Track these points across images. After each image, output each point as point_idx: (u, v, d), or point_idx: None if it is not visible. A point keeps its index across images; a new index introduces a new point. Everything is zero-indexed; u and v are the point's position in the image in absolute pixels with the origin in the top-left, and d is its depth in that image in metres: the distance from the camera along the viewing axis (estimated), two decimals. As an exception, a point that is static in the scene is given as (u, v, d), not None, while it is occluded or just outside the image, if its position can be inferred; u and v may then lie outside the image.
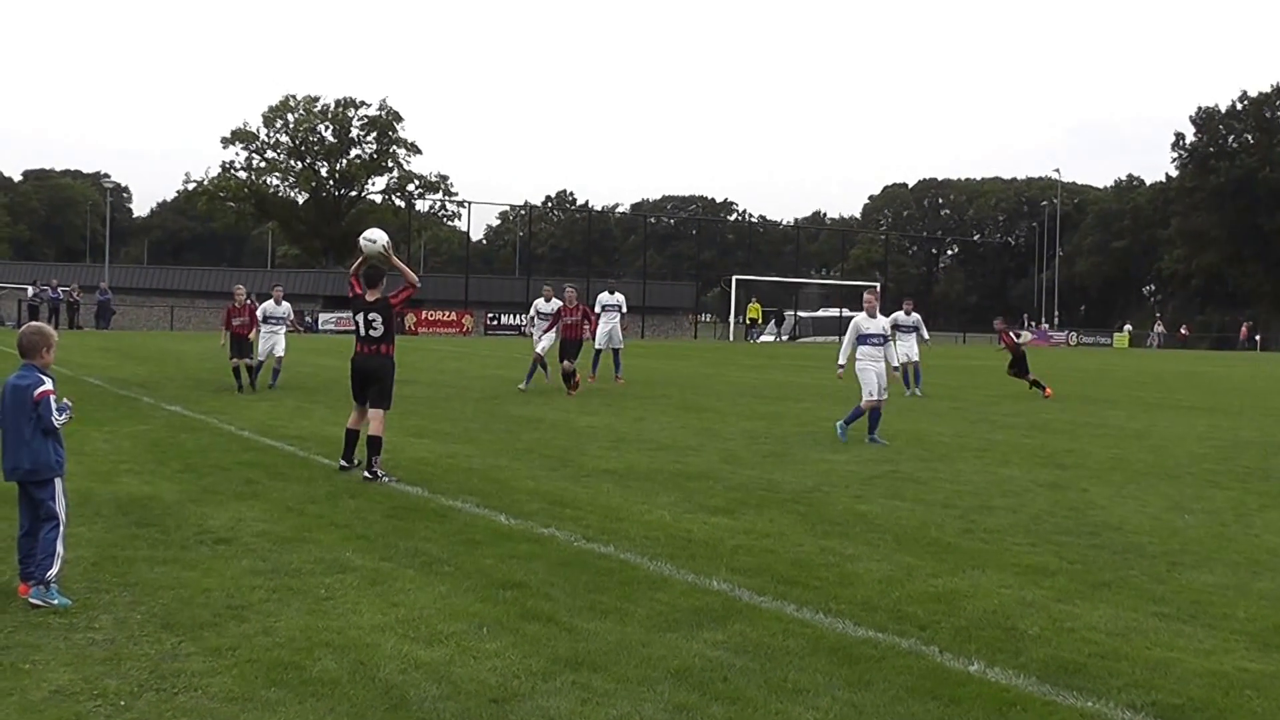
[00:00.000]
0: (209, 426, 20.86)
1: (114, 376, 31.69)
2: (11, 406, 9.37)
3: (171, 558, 10.74)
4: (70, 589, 9.38)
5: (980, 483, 16.47)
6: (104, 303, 74.26)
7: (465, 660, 7.98)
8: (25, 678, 7.50)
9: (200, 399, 25.83)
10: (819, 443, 20.61)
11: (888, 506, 14.36)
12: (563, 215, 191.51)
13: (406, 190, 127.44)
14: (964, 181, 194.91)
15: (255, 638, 8.36)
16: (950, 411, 26.85)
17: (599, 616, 9.09)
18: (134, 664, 7.80)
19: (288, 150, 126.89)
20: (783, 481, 16.14)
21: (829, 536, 12.45)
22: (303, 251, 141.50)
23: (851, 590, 10.13)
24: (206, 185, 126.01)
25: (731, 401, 28.94)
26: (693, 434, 21.44)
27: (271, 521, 12.50)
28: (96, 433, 18.95)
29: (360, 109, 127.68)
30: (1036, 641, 8.74)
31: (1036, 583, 10.55)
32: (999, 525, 13.31)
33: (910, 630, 8.93)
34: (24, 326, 10.03)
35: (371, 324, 16.18)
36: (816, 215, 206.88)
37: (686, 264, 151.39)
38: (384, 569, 10.48)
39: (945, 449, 20.16)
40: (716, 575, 10.52)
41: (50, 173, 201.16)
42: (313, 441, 18.98)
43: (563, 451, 18.60)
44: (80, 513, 12.22)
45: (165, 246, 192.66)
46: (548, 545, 11.66)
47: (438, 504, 13.77)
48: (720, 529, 12.72)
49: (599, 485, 15.46)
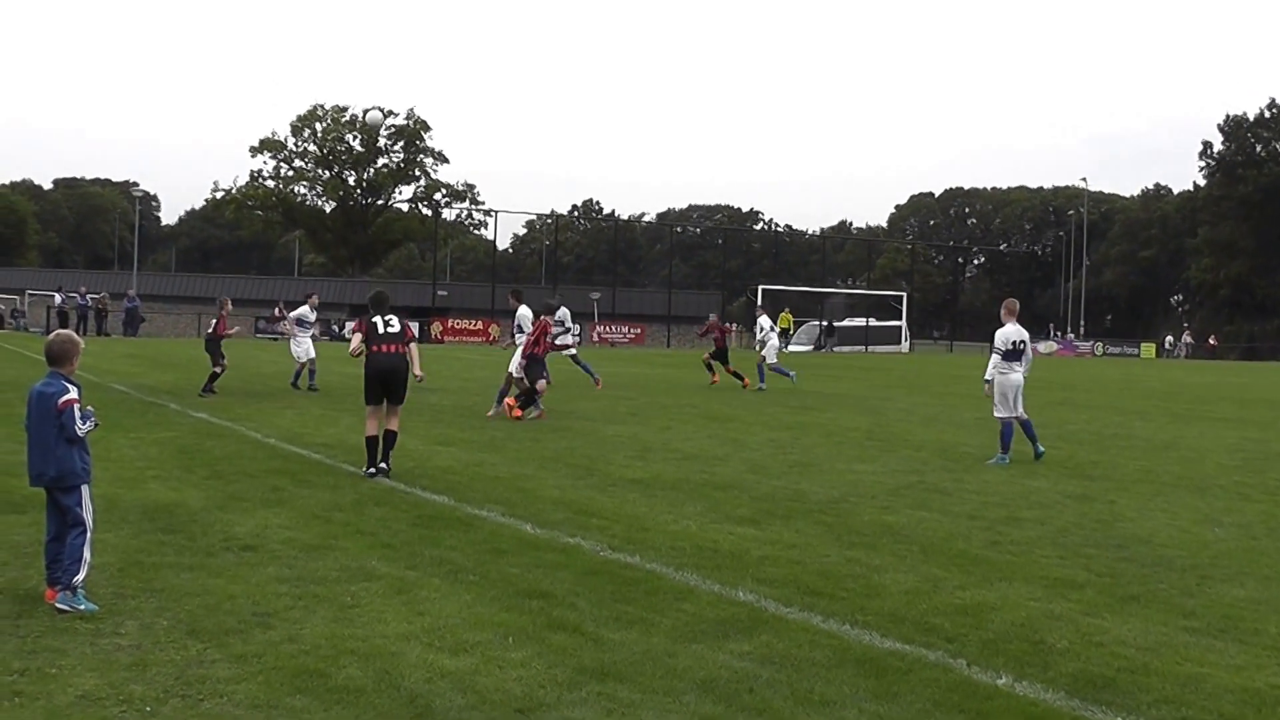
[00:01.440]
0: (235, 433, 20.88)
1: (141, 383, 31.78)
2: (37, 414, 9.40)
3: (197, 564, 10.75)
4: (96, 595, 9.39)
5: (1007, 494, 16.41)
6: (132, 310, 74.46)
7: (490, 670, 7.96)
8: (52, 682, 7.51)
9: (227, 406, 25.86)
10: (845, 453, 20.56)
11: (914, 517, 14.31)
12: (589, 224, 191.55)
13: (433, 199, 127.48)
14: (990, 190, 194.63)
15: (280, 645, 8.35)
16: (976, 423, 26.75)
17: (624, 626, 9.06)
18: (160, 670, 7.80)
19: (315, 159, 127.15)
20: (809, 492, 16.10)
21: (855, 547, 12.42)
22: (329, 260, 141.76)
23: (878, 601, 10.09)
24: (235, 194, 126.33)
25: (758, 411, 28.88)
26: (719, 443, 21.41)
27: (297, 529, 12.50)
28: (123, 439, 18.98)
29: (388, 118, 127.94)
30: (1065, 655, 8.68)
31: (1065, 595, 10.50)
32: (1026, 537, 13.26)
33: (937, 642, 8.89)
34: (52, 334, 10.04)
35: (389, 322, 17.02)
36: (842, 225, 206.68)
37: (712, 273, 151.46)
38: (409, 577, 10.47)
39: (972, 460, 20.10)
40: (743, 586, 10.49)
41: (80, 181, 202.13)
42: (339, 449, 18.98)
43: (588, 460, 18.58)
44: (106, 519, 12.23)
45: (193, 254, 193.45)
46: (573, 555, 11.64)
47: (463, 513, 13.75)
48: (746, 539, 12.69)
49: (625, 495, 15.44)
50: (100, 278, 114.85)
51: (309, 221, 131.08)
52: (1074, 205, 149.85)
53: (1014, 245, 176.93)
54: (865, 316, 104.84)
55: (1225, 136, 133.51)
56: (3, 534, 11.79)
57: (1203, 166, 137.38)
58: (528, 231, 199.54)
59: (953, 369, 60.75)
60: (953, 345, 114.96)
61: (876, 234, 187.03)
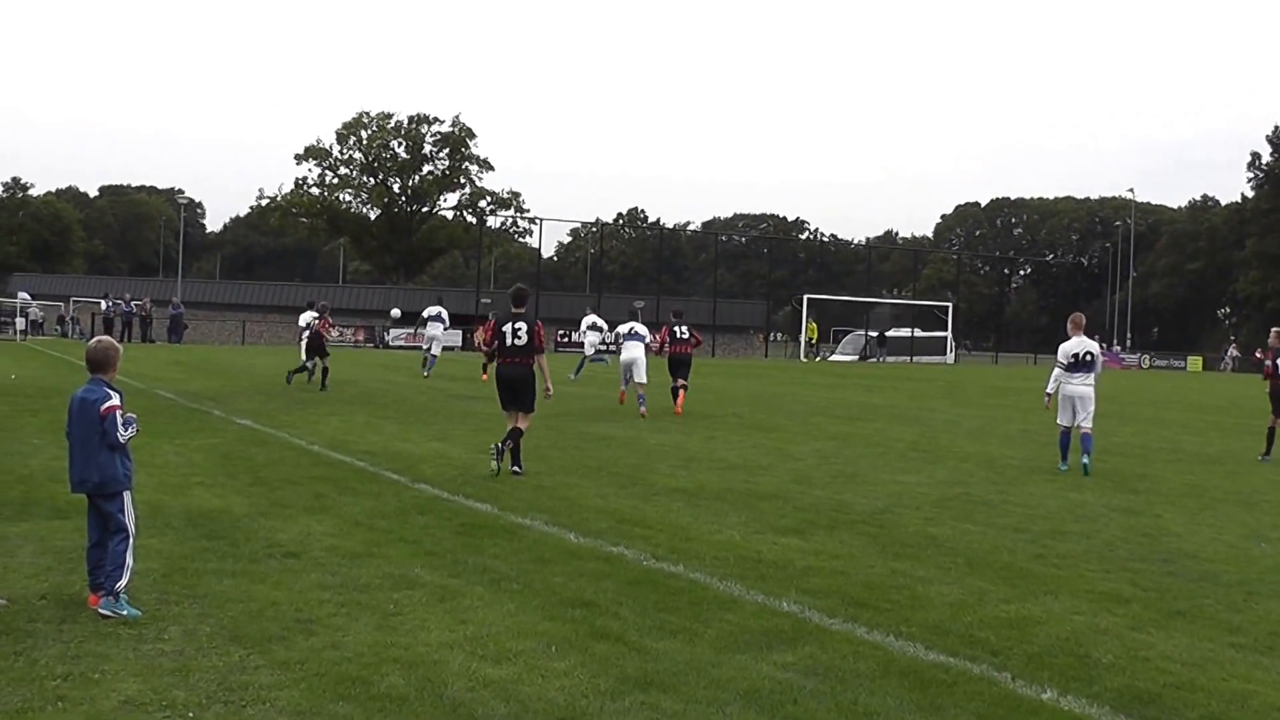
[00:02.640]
0: (279, 440, 20.96)
1: (185, 390, 31.90)
2: (79, 420, 9.45)
3: (241, 570, 10.79)
4: (139, 600, 9.44)
5: (1052, 507, 16.32)
6: (176, 316, 74.83)
7: (533, 679, 7.96)
8: (95, 687, 7.55)
9: (271, 413, 25.95)
10: (890, 463, 20.50)
11: (959, 530, 14.26)
12: (634, 232, 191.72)
13: (478, 206, 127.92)
14: (1036, 201, 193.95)
15: (323, 652, 8.37)
16: (1021, 435, 26.64)
17: (668, 636, 9.05)
18: (202, 676, 7.83)
19: (360, 166, 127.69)
20: (853, 502, 16.05)
21: (900, 559, 12.37)
22: (374, 267, 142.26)
23: (923, 614, 10.05)
24: (279, 201, 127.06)
25: (802, 421, 28.83)
26: (763, 453, 21.37)
27: (341, 536, 12.53)
28: (167, 445, 19.07)
29: (433, 125, 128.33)
30: (1110, 670, 8.63)
31: (1110, 610, 10.44)
32: (1072, 551, 13.18)
33: (982, 655, 8.85)
34: (92, 341, 10.09)
35: (517, 333, 17.92)
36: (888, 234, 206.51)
37: (757, 282, 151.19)
38: (452, 585, 10.48)
39: (1016, 472, 20.01)
40: (787, 596, 10.47)
41: (125, 188, 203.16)
42: (383, 457, 19.02)
43: (632, 470, 18.57)
44: (150, 525, 12.31)
45: (238, 261, 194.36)
46: (617, 564, 11.63)
47: (507, 521, 13.76)
48: (791, 550, 12.66)
49: (669, 504, 15.43)
50: (145, 284, 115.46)
51: (353, 229, 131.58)
52: (1121, 216, 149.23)
53: (1060, 256, 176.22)
54: (910, 327, 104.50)
55: (1274, 148, 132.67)
56: (46, 539, 11.86)
57: (1251, 178, 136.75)
58: (572, 239, 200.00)
59: (998, 380, 60.51)
60: (998, 356, 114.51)
61: (922, 244, 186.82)
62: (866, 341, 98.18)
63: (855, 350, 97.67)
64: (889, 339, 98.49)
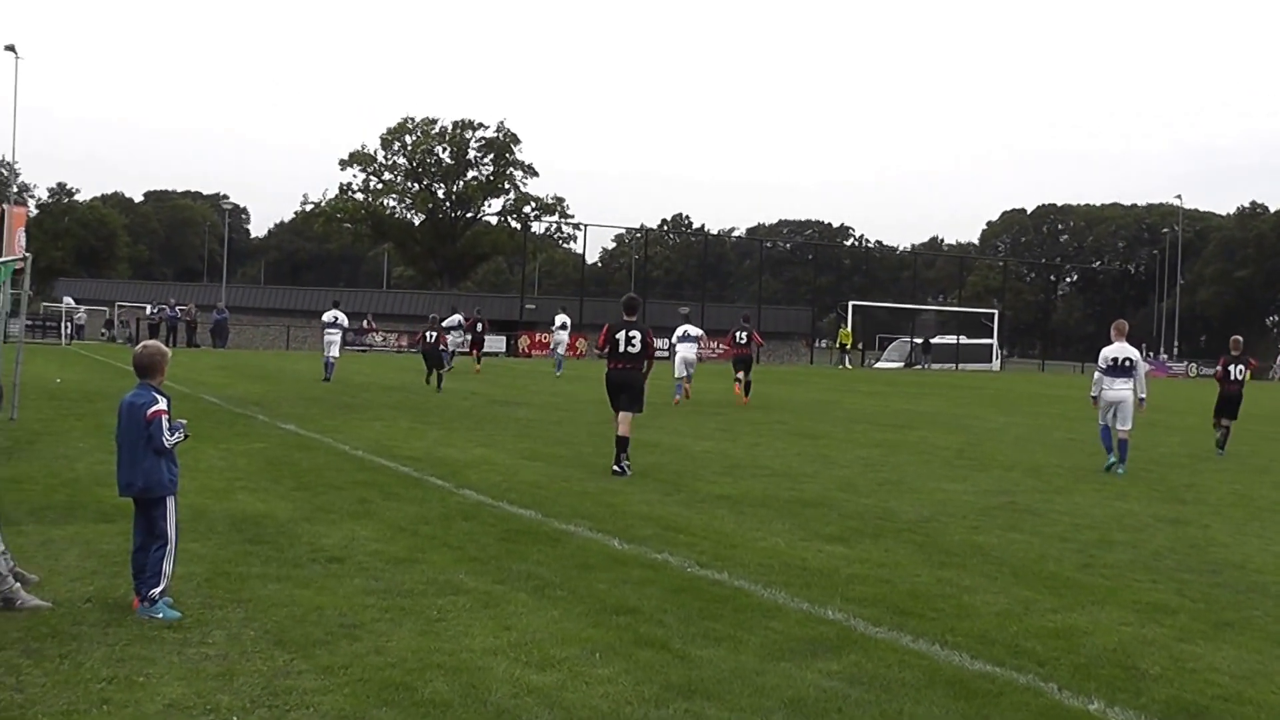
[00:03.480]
0: (323, 445, 21.00)
1: (230, 394, 32.01)
2: (126, 425, 9.51)
3: (284, 575, 10.81)
4: (183, 604, 9.47)
5: (1099, 516, 16.24)
6: (221, 321, 75.11)
7: (577, 686, 7.94)
8: (139, 690, 7.56)
9: (315, 418, 26.02)
10: (935, 471, 20.42)
11: (1005, 538, 14.19)
12: (678, 238, 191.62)
13: (522, 212, 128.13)
14: (1083, 207, 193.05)
15: (367, 657, 8.38)
16: (1068, 443, 26.53)
17: (712, 644, 9.03)
18: (246, 680, 7.84)
19: (405, 172, 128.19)
20: (899, 510, 16.00)
21: (945, 567, 12.32)
22: (418, 273, 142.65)
23: (968, 623, 10.00)
24: (324, 206, 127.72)
25: (847, 428, 28.78)
26: (808, 460, 21.33)
27: (384, 541, 12.54)
28: (212, 450, 19.13)
29: (477, 131, 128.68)
30: (1158, 681, 8.57)
31: (1158, 621, 10.37)
32: (1118, 560, 13.10)
33: (1028, 665, 8.79)
34: (139, 346, 10.13)
35: (631, 340, 19.17)
36: (934, 241, 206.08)
37: (802, 289, 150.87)
38: (496, 592, 10.47)
39: (1063, 481, 19.90)
40: (831, 604, 10.43)
41: (170, 194, 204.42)
42: (426, 462, 19.03)
43: (676, 476, 18.55)
44: (194, 529, 12.35)
45: (282, 267, 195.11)
46: (661, 571, 11.61)
47: (551, 527, 13.75)
48: (835, 557, 12.62)
49: (713, 511, 15.40)
50: (189, 289, 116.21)
51: (398, 234, 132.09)
52: (1168, 223, 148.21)
53: (1107, 263, 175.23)
54: (956, 334, 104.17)
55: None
56: (92, 543, 11.91)
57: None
58: (617, 245, 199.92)
59: (1044, 388, 60.29)
60: (1044, 364, 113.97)
61: (968, 250, 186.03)
62: (912, 349, 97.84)
63: (900, 357, 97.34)
64: (934, 346, 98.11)
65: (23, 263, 25.71)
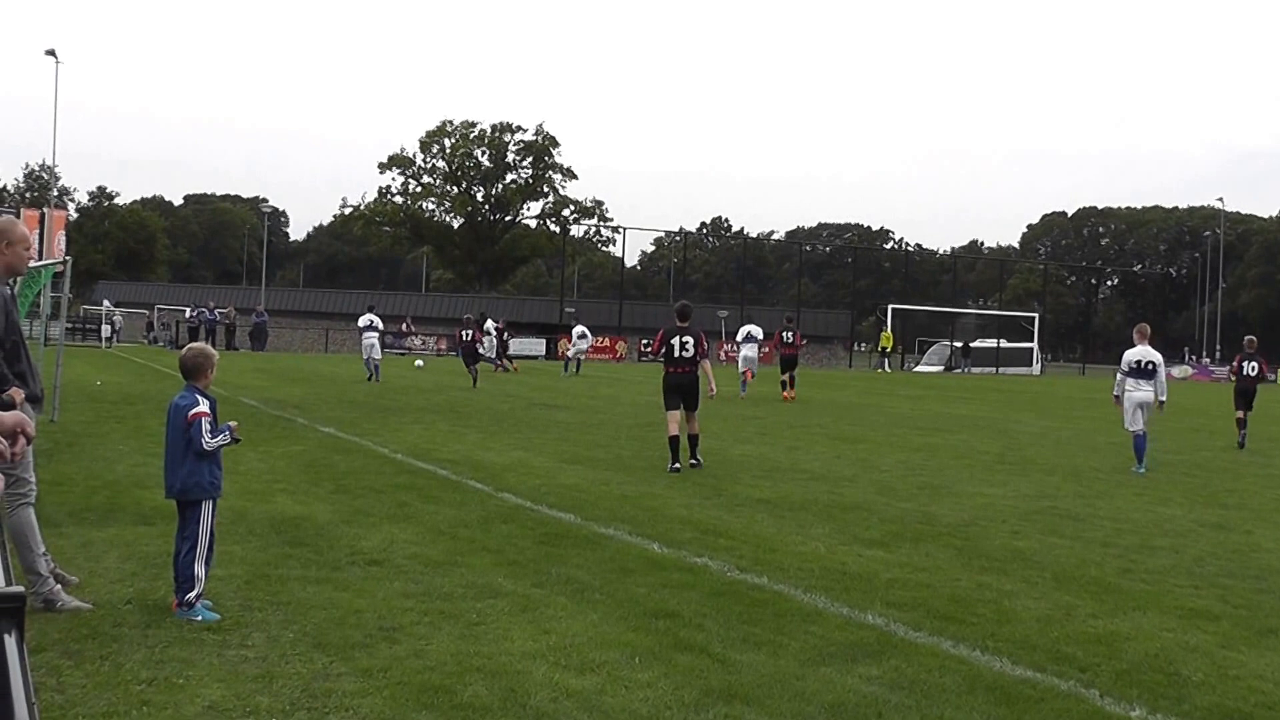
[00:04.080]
0: (362, 448, 21.05)
1: (269, 397, 32.12)
2: (171, 426, 9.55)
3: (324, 578, 10.83)
4: (223, 606, 9.51)
5: (1140, 521, 16.13)
6: (260, 324, 75.45)
7: (617, 690, 7.93)
8: (179, 692, 7.59)
9: (354, 421, 26.08)
10: (975, 475, 20.34)
11: (1046, 543, 14.11)
12: (717, 242, 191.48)
13: (561, 215, 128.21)
14: (1124, 210, 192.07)
15: (406, 660, 8.38)
16: (1108, 447, 26.39)
17: (752, 648, 9.00)
18: (286, 682, 7.86)
19: (444, 175, 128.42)
20: (939, 515, 15.94)
21: (986, 572, 12.26)
22: (457, 276, 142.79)
23: (1009, 628, 9.95)
24: (363, 210, 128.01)
25: (886, 432, 28.69)
26: (847, 464, 21.28)
27: (423, 544, 12.55)
28: (251, 452, 19.18)
29: (516, 134, 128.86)
30: (1200, 688, 8.50)
31: (1200, 627, 10.29)
32: (1160, 566, 13.01)
33: (1070, 671, 8.74)
34: (186, 348, 10.18)
35: (685, 346, 20.31)
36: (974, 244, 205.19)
37: (841, 292, 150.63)
38: (535, 595, 10.47)
39: (1104, 485, 19.79)
40: (872, 609, 10.39)
41: (210, 197, 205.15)
42: (465, 465, 19.04)
43: (715, 480, 18.52)
44: (234, 531, 12.40)
45: (321, 270, 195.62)
46: (700, 575, 11.59)
47: (590, 531, 13.74)
48: (875, 562, 12.58)
49: (752, 515, 15.37)
50: (228, 292, 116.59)
51: (437, 237, 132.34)
52: (1210, 226, 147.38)
53: (1148, 266, 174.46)
54: (996, 337, 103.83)
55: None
56: (132, 545, 11.96)
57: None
58: (656, 248, 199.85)
59: (1085, 392, 59.98)
60: (1085, 368, 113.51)
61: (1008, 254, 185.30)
62: (951, 352, 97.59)
63: (940, 361, 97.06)
64: (974, 350, 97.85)
65: (63, 266, 25.88)
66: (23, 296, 19.61)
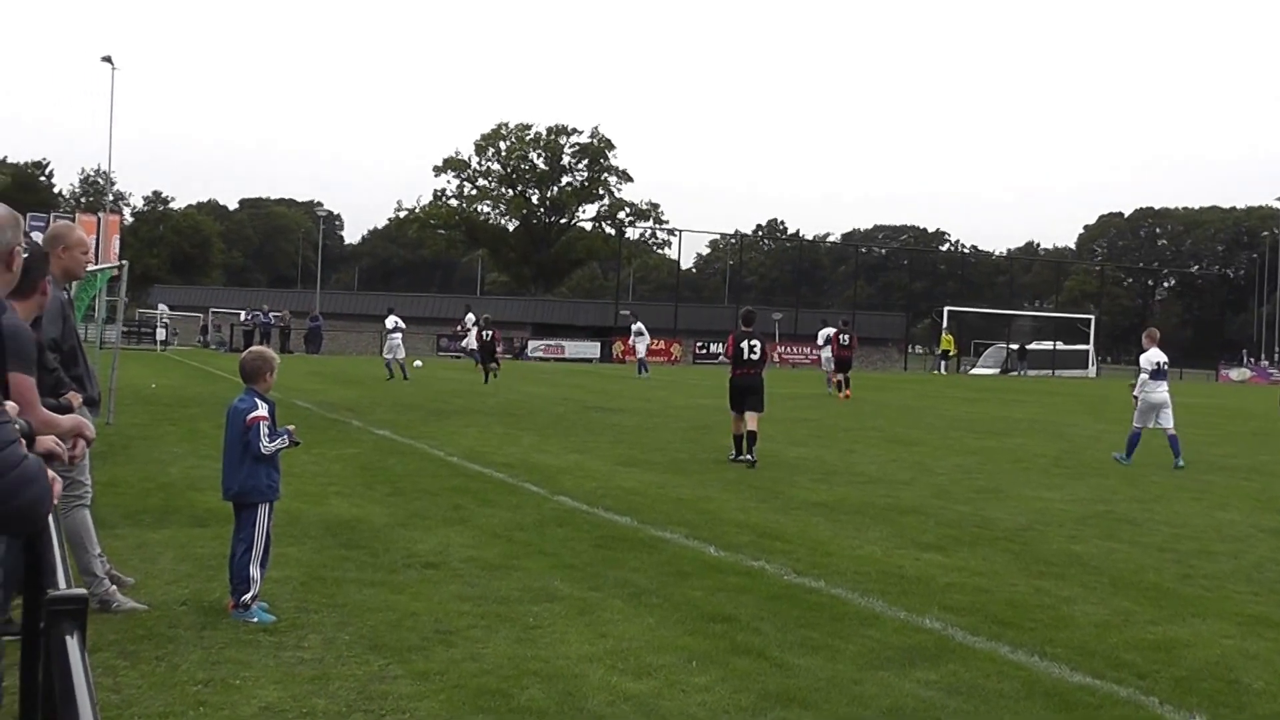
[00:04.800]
0: (417, 451, 21.09)
1: (323, 400, 32.21)
2: (229, 429, 9.61)
3: (379, 580, 10.86)
4: (279, 608, 9.56)
5: (1199, 526, 16.00)
6: (315, 328, 75.73)
7: (674, 694, 7.93)
8: (235, 693, 7.64)
9: (409, 423, 26.13)
10: (1032, 479, 20.23)
11: (1103, 548, 14.02)
12: (772, 244, 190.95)
13: (617, 218, 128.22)
14: (1181, 211, 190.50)
15: (463, 663, 8.40)
16: (1164, 451, 26.16)
17: (809, 652, 8.99)
18: (342, 684, 7.89)
19: (499, 178, 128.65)
20: (996, 519, 15.85)
21: (1043, 577, 12.19)
22: (512, 278, 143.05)
23: (1067, 633, 9.89)
24: (418, 213, 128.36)
25: (942, 435, 28.57)
26: (903, 467, 21.20)
27: (479, 547, 12.57)
28: (306, 455, 19.19)
29: (572, 136, 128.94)
30: (1261, 696, 8.43)
31: (1260, 634, 10.19)
32: (1219, 571, 12.91)
33: (1129, 679, 8.68)
34: (245, 352, 10.24)
35: (753, 349, 21.44)
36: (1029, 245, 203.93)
37: (897, 294, 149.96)
38: (592, 599, 10.47)
39: (1161, 490, 19.65)
40: (929, 613, 10.36)
41: (264, 201, 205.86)
42: (521, 468, 19.05)
43: (771, 483, 18.48)
44: (289, 533, 12.44)
45: (375, 273, 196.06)
46: (757, 578, 11.57)
47: (646, 534, 13.74)
48: (932, 566, 12.53)
49: (808, 518, 15.34)
50: (283, 296, 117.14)
51: (492, 240, 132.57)
52: (1268, 226, 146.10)
53: (1205, 267, 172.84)
54: (1052, 340, 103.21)
55: None
56: (186, 547, 12.03)
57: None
58: (711, 251, 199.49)
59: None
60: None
61: (1064, 255, 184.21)
62: (1007, 355, 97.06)
63: (996, 363, 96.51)
64: (1030, 352, 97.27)
65: (118, 270, 26.06)
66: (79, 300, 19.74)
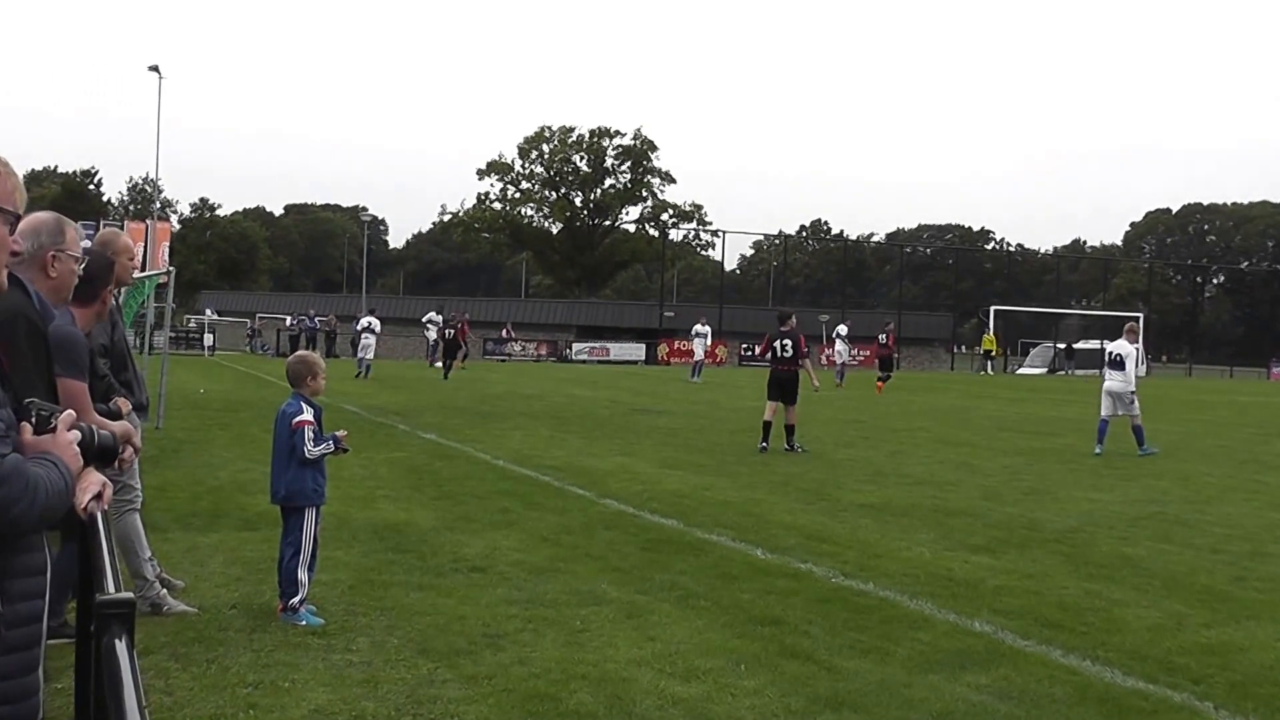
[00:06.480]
0: (464, 454, 21.10)
1: (370, 404, 32.29)
2: (277, 433, 9.62)
3: (427, 584, 10.85)
4: (327, 611, 9.57)
5: (1252, 527, 15.83)
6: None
7: (723, 697, 7.88)
8: (285, 696, 7.64)
9: (456, 427, 26.15)
10: (1081, 480, 20.10)
11: (1155, 550, 13.89)
12: (817, 245, 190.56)
13: (660, 220, 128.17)
14: (1230, 206, 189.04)
15: (511, 667, 8.37)
16: (1217, 451, 26.04)
17: (859, 655, 8.93)
18: (391, 688, 7.88)
19: (542, 181, 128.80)
20: (1045, 520, 15.74)
21: (1095, 579, 12.09)
22: (556, 281, 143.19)
23: (1119, 637, 9.79)
24: (462, 216, 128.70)
25: (990, 436, 28.44)
26: (951, 469, 21.10)
27: (526, 551, 12.55)
28: (353, 459, 19.19)
29: (614, 138, 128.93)
30: (1319, 700, 8.32)
31: (1317, 637, 10.07)
32: (1274, 574, 12.75)
33: (1182, 683, 8.57)
34: (290, 356, 10.26)
35: (784, 348, 23.62)
36: (1076, 243, 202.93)
37: (943, 294, 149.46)
38: (639, 602, 10.43)
39: (1213, 490, 19.48)
40: (979, 616, 10.28)
41: (310, 206, 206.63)
42: (567, 472, 19.03)
43: (818, 485, 18.42)
44: (337, 537, 12.45)
45: (421, 277, 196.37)
46: (805, 581, 11.52)
47: (693, 537, 13.69)
48: (982, 568, 12.44)
49: (856, 520, 15.27)
50: (329, 300, 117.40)
51: (536, 243, 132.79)
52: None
53: (1256, 263, 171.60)
54: (1100, 338, 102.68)
55: None
56: (236, 550, 12.06)
57: None
58: (755, 252, 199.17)
59: (1192, 394, 59.16)
60: (1191, 369, 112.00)
61: (1112, 252, 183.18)
62: (1055, 354, 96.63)
63: (1044, 363, 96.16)
64: (1078, 351, 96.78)
65: (166, 276, 26.17)
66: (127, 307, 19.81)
